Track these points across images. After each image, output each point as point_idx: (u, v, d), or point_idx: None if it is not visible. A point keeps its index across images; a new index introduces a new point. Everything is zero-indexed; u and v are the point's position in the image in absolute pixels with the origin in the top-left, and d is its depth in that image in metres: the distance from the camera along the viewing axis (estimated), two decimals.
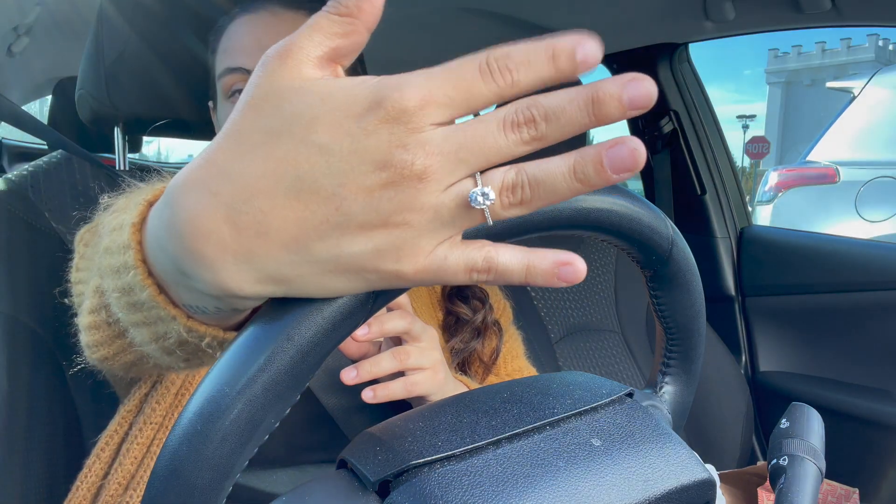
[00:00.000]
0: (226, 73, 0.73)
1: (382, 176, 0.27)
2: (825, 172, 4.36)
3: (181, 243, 0.31)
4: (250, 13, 0.74)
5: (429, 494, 0.32)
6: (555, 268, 0.30)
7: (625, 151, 0.27)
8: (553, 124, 0.27)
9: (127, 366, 0.54)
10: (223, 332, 0.40)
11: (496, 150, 0.27)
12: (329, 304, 0.31)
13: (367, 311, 0.32)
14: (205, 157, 0.30)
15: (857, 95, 4.48)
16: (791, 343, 1.64)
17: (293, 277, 0.30)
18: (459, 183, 0.28)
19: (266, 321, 0.31)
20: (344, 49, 0.29)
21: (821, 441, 0.49)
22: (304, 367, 0.31)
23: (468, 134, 0.27)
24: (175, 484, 0.31)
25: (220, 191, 0.29)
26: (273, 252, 0.29)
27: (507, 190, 0.28)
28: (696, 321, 0.47)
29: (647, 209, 0.40)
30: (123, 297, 0.42)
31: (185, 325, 0.39)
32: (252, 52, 0.72)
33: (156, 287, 0.38)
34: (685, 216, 1.77)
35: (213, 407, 0.30)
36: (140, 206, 0.39)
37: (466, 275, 0.30)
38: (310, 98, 0.28)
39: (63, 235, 0.91)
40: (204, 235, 0.29)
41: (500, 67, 0.27)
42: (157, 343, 0.43)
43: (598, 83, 0.27)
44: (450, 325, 0.82)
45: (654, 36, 1.65)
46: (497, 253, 0.30)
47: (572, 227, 0.38)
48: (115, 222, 0.43)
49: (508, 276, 0.30)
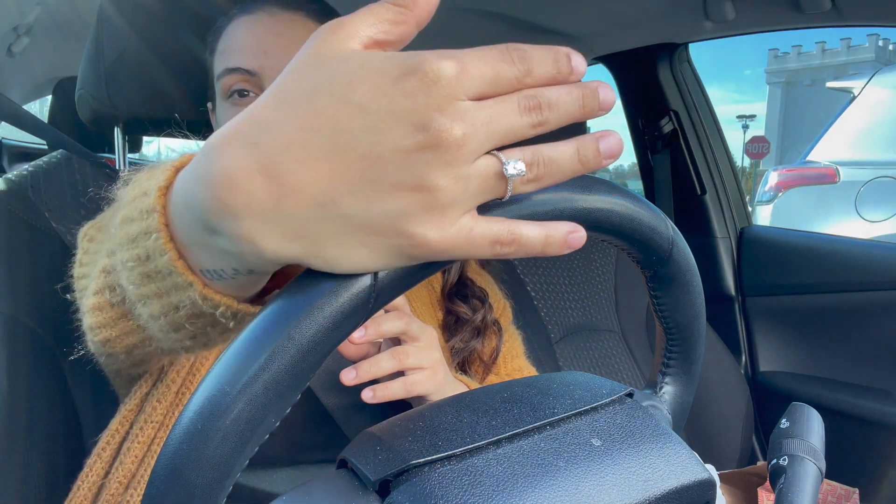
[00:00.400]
0: (225, 74, 0.73)
1: (419, 138, 0.28)
2: (825, 172, 4.36)
3: (213, 193, 0.31)
4: (248, 14, 0.75)
5: (429, 494, 0.32)
6: (567, 236, 0.34)
7: (613, 140, 0.32)
8: (554, 112, 0.31)
9: (129, 349, 0.54)
10: (238, 303, 0.40)
11: (515, 129, 0.30)
12: (330, 303, 0.31)
13: (368, 311, 0.32)
14: (246, 113, 0.32)
15: (857, 95, 4.48)
16: (791, 343, 1.64)
17: (318, 235, 0.30)
18: (487, 155, 0.30)
19: (267, 320, 0.31)
20: (392, 35, 0.31)
21: (821, 441, 0.49)
22: (304, 366, 0.31)
23: (495, 110, 0.29)
24: (176, 483, 0.31)
25: (259, 140, 0.30)
26: (302, 206, 0.30)
27: (528, 166, 0.31)
28: (696, 321, 0.47)
29: (647, 209, 0.40)
30: (138, 267, 0.42)
31: (200, 293, 0.39)
32: (251, 52, 0.72)
33: (176, 252, 0.39)
34: (685, 216, 1.77)
35: (213, 406, 0.30)
36: (168, 171, 0.40)
37: (491, 248, 0.32)
38: (351, 63, 0.30)
39: (63, 235, 0.91)
40: (237, 185, 0.30)
41: (520, 57, 0.30)
42: (166, 318, 0.43)
43: (587, 83, 0.32)
44: (449, 324, 0.82)
45: (654, 36, 1.65)
46: (518, 226, 0.32)
47: None
48: (136, 191, 0.43)
49: (531, 248, 0.33)
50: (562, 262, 1.44)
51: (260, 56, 0.72)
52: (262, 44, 0.72)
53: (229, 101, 0.74)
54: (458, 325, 0.82)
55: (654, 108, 1.75)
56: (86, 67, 0.94)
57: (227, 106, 0.74)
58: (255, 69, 0.71)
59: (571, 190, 0.36)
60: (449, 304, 0.83)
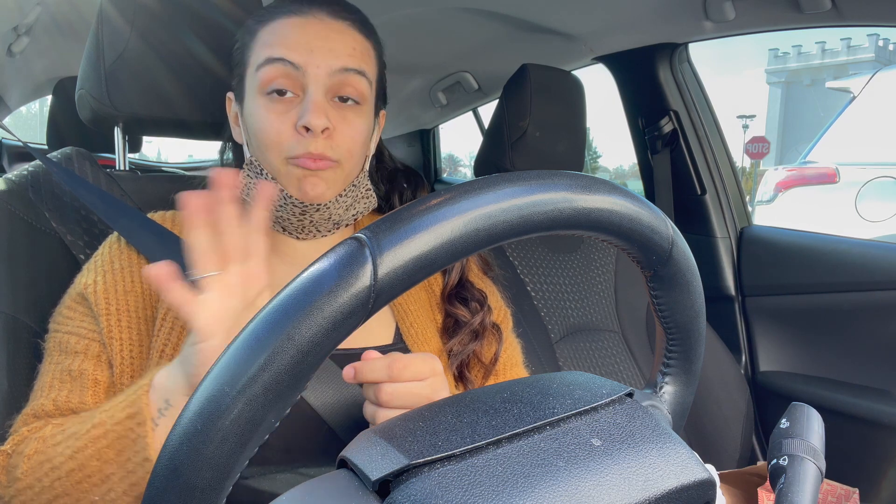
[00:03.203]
0: (267, 63, 0.74)
1: None
2: (825, 172, 4.35)
3: None
4: (299, 16, 0.76)
5: (429, 494, 0.32)
6: None
7: None
8: None
9: None
10: None
11: None
12: (329, 303, 0.31)
13: (368, 311, 0.32)
14: None
15: (857, 95, 4.47)
16: (791, 343, 1.64)
17: None
18: None
19: (267, 321, 0.31)
20: None
21: (821, 441, 0.49)
22: (304, 366, 0.31)
23: None
24: (175, 483, 0.31)
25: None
26: None
27: None
28: (696, 321, 0.47)
29: (647, 209, 0.40)
30: None
31: None
32: (298, 49, 0.74)
33: None
34: (685, 216, 1.77)
35: (213, 406, 0.30)
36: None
37: None
38: None
39: (63, 235, 0.91)
40: None
41: None
42: None
43: None
44: (448, 327, 0.82)
45: (654, 36, 1.65)
46: None
47: (573, 227, 0.38)
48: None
49: None
50: (562, 262, 1.44)
51: (306, 53, 0.74)
52: (310, 43, 0.74)
53: (267, 97, 0.74)
54: (457, 328, 0.81)
55: (654, 108, 1.75)
56: (86, 67, 0.94)
57: (264, 102, 0.75)
58: (300, 64, 0.73)
59: (571, 190, 0.36)
60: (448, 306, 0.83)
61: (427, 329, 0.80)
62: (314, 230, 0.79)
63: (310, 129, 0.72)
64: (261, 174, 0.76)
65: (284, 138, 0.74)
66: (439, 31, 1.92)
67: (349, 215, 0.80)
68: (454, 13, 1.72)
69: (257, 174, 0.77)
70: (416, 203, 0.34)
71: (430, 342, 0.80)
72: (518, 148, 1.38)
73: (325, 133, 0.73)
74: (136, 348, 0.71)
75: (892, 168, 4.11)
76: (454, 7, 1.67)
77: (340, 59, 0.75)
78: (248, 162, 0.78)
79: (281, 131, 0.74)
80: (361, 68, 0.76)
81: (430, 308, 0.83)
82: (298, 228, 0.79)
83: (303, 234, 0.80)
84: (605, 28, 1.70)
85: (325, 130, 0.73)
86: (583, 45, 1.78)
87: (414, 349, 0.77)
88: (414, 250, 0.33)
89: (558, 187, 0.36)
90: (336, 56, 0.75)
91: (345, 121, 0.75)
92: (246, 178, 0.78)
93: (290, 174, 0.75)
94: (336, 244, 0.33)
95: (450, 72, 2.38)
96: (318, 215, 0.77)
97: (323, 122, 0.72)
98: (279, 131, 0.74)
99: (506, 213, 0.35)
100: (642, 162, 1.85)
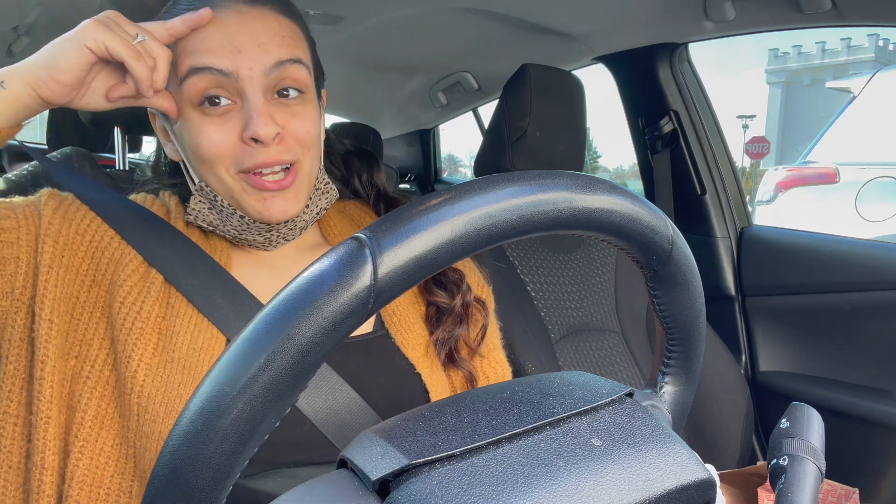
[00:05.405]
0: (191, 74, 0.67)
1: None
2: (825, 172, 4.36)
3: None
4: (213, 10, 0.68)
5: (429, 494, 0.32)
6: None
7: None
8: None
9: None
10: None
11: None
12: (329, 303, 0.31)
13: (368, 312, 0.32)
14: None
15: (857, 95, 4.48)
16: (791, 343, 1.64)
17: None
18: None
19: (267, 321, 0.31)
20: None
21: (821, 441, 0.49)
22: (304, 366, 0.31)
23: None
24: (175, 483, 0.31)
25: None
26: None
27: None
28: (696, 321, 0.48)
29: (647, 209, 0.40)
30: None
31: None
32: (223, 52, 0.67)
33: None
34: (685, 216, 1.77)
35: (213, 406, 0.30)
36: None
37: None
38: None
39: None
40: None
41: None
42: None
43: None
44: (431, 316, 0.81)
45: (654, 36, 1.65)
46: None
47: (573, 227, 0.38)
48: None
49: None
50: (562, 262, 1.44)
51: (233, 55, 0.66)
52: (234, 42, 0.67)
53: (199, 109, 0.68)
54: (440, 315, 0.80)
55: (654, 108, 1.75)
56: None
57: (196, 115, 0.68)
58: (230, 70, 0.66)
59: (572, 190, 0.36)
60: (428, 295, 0.81)
61: (410, 315, 0.79)
62: (282, 240, 0.76)
63: (259, 140, 0.66)
64: (215, 203, 0.71)
65: (230, 151, 0.68)
66: (439, 31, 1.92)
67: (313, 216, 0.77)
68: (454, 13, 1.72)
69: (211, 205, 0.72)
70: (416, 203, 0.34)
71: (414, 328, 0.78)
72: (518, 148, 1.38)
73: (277, 139, 0.67)
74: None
75: (892, 168, 4.11)
76: (454, 7, 1.67)
77: (272, 54, 0.67)
78: (199, 188, 0.72)
79: (223, 144, 0.68)
80: (297, 56, 0.69)
81: (415, 301, 0.82)
82: (265, 243, 0.75)
83: (270, 247, 0.76)
84: (605, 28, 1.70)
85: (276, 136, 0.67)
86: (583, 45, 1.78)
87: (397, 336, 0.76)
88: (414, 250, 0.33)
89: (558, 187, 0.36)
90: (266, 51, 0.67)
91: (293, 116, 0.69)
92: (199, 203, 0.73)
93: (246, 193, 0.69)
94: (336, 245, 0.33)
95: (450, 72, 2.38)
96: (285, 229, 0.73)
97: (272, 130, 0.66)
98: (221, 144, 0.68)
99: (506, 212, 0.35)
100: (642, 162, 1.85)
